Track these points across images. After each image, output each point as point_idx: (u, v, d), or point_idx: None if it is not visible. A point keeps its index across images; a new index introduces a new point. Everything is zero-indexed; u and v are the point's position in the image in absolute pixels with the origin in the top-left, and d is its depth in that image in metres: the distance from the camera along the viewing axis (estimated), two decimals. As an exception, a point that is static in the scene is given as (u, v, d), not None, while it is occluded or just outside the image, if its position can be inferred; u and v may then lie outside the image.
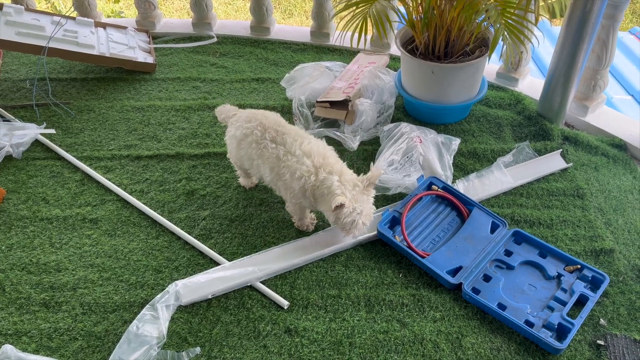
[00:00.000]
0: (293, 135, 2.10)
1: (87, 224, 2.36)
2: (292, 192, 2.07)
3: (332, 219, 2.00)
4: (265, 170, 2.13)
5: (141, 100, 3.12)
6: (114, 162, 2.69)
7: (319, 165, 1.99)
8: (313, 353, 1.88)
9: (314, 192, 2.01)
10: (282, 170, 2.05)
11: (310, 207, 2.15)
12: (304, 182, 2.00)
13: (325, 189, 1.96)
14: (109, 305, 2.04)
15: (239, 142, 2.20)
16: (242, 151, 2.21)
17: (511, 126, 2.87)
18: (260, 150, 2.12)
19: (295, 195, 2.07)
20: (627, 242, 2.26)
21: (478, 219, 2.30)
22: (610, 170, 2.62)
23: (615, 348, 1.89)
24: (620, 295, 2.05)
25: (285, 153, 2.06)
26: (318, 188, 1.98)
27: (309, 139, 2.11)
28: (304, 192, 2.03)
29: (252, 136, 2.13)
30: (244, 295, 2.08)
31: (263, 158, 2.12)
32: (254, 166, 2.19)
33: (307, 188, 2.01)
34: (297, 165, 2.02)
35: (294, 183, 2.04)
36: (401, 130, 2.66)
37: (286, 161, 2.05)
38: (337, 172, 1.98)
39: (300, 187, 2.02)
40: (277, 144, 2.09)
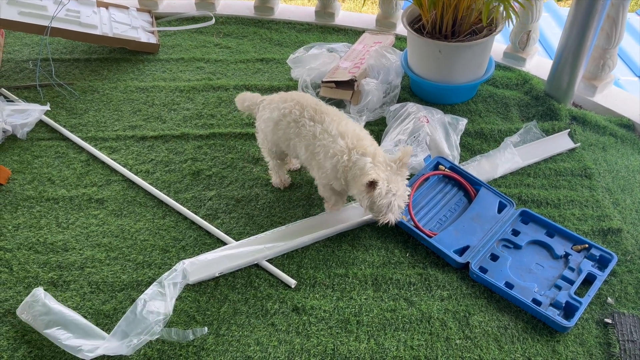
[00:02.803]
0: (331, 115, 2.05)
1: (93, 204, 2.36)
2: (325, 171, 2.02)
3: (366, 203, 1.92)
4: (301, 148, 2.08)
5: (145, 81, 3.10)
6: (119, 142, 2.68)
7: (352, 146, 1.94)
8: (321, 331, 1.89)
9: (346, 174, 1.96)
10: (317, 148, 2.01)
11: (341, 190, 2.09)
12: (337, 162, 1.95)
13: (358, 170, 1.91)
14: (116, 284, 2.05)
15: (276, 123, 2.12)
16: (279, 132, 2.13)
17: (518, 106, 2.85)
18: (298, 129, 2.06)
19: (327, 176, 2.02)
20: (634, 222, 2.25)
21: (485, 199, 2.29)
22: (618, 150, 2.60)
23: (622, 326, 1.89)
24: (628, 274, 2.05)
25: (322, 131, 2.00)
26: (350, 169, 1.93)
27: (347, 120, 2.06)
28: (335, 173, 1.98)
29: (291, 115, 2.07)
30: (252, 274, 2.08)
31: (300, 136, 2.06)
32: (290, 146, 2.14)
33: (339, 168, 1.96)
34: (331, 144, 1.97)
35: (326, 162, 1.99)
36: (408, 110, 2.64)
37: (322, 140, 2.00)
38: (371, 154, 1.92)
39: (333, 166, 1.97)
40: (315, 122, 2.03)
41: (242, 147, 2.64)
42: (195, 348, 1.84)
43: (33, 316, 1.86)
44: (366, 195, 1.89)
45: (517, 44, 3.10)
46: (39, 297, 1.89)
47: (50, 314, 1.85)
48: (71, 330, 1.83)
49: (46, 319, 1.84)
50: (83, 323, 1.85)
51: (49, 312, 1.85)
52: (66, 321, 1.84)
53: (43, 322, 1.84)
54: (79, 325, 1.84)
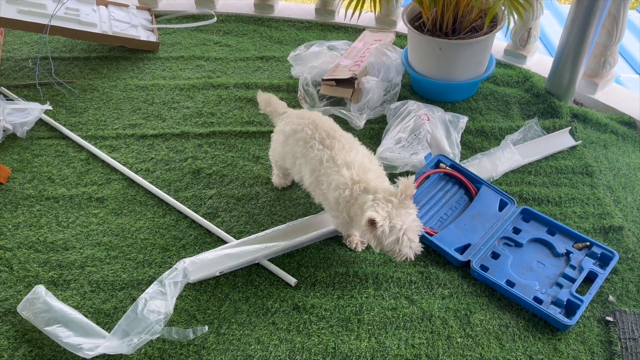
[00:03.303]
0: (343, 142, 1.93)
1: (93, 202, 2.36)
2: (328, 203, 1.93)
3: (374, 243, 1.77)
4: (306, 172, 1.97)
5: (145, 79, 3.09)
6: (118, 141, 2.67)
7: (357, 179, 1.80)
8: (322, 330, 1.89)
9: (349, 210, 1.84)
10: (322, 177, 1.90)
11: (344, 226, 2.01)
12: (339, 195, 1.83)
13: (358, 209, 1.78)
14: (117, 283, 2.05)
15: (287, 137, 2.04)
16: (287, 147, 2.05)
17: (519, 104, 2.84)
18: (306, 150, 1.95)
19: (331, 207, 1.93)
20: (636, 220, 2.25)
21: (486, 197, 2.28)
22: (620, 147, 2.60)
23: (624, 324, 1.89)
24: (629, 272, 2.05)
25: (329, 158, 1.89)
26: (352, 206, 1.81)
27: (358, 149, 1.94)
28: (338, 206, 1.87)
29: (302, 133, 1.97)
30: (252, 273, 2.08)
31: (307, 158, 1.95)
32: (295, 165, 2.03)
33: (341, 202, 1.84)
34: (335, 175, 1.85)
35: (329, 193, 1.88)
36: (408, 108, 2.63)
37: (327, 168, 1.88)
38: (373, 189, 1.77)
39: (335, 199, 1.86)
40: (325, 146, 1.92)
41: (243, 145, 2.63)
42: (196, 347, 1.84)
43: (34, 313, 1.86)
44: (370, 235, 1.75)
45: (518, 41, 3.09)
46: (40, 294, 1.89)
47: (51, 311, 1.85)
48: (72, 328, 1.82)
49: (47, 316, 1.84)
50: (83, 322, 1.85)
51: (50, 309, 1.85)
52: (67, 319, 1.84)
53: (44, 319, 1.84)
54: (80, 324, 1.84)
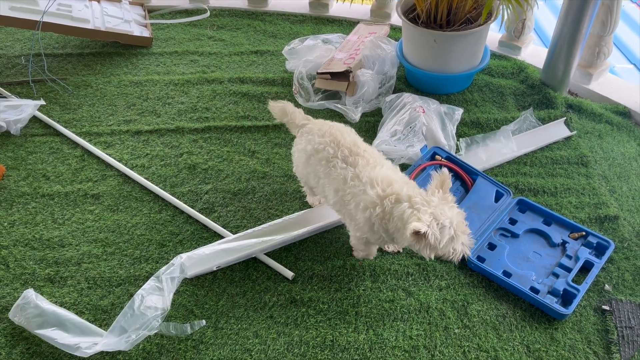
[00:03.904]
0: (367, 158, 1.81)
1: (89, 199, 2.35)
2: (357, 224, 1.79)
3: (427, 252, 1.60)
4: (330, 191, 1.86)
5: (139, 75, 3.07)
6: (113, 137, 2.66)
7: (384, 194, 1.68)
8: (319, 322, 1.89)
9: (385, 226, 1.69)
10: (347, 196, 1.78)
11: (382, 242, 1.88)
12: (370, 215, 1.71)
13: (399, 222, 1.63)
14: (114, 279, 2.04)
15: (309, 157, 1.93)
16: (309, 167, 1.95)
17: (514, 95, 2.84)
18: (328, 169, 1.84)
19: (361, 229, 1.79)
20: (631, 209, 2.25)
21: (482, 188, 2.28)
22: (615, 137, 2.60)
23: (620, 313, 1.90)
24: (625, 261, 2.06)
25: (353, 177, 1.77)
26: (390, 221, 1.67)
27: (382, 163, 1.82)
28: (371, 226, 1.73)
29: (324, 152, 1.86)
30: (249, 267, 2.08)
31: (330, 177, 1.84)
32: (319, 185, 1.93)
33: (374, 221, 1.71)
34: (362, 195, 1.73)
35: (358, 214, 1.75)
36: (403, 100, 2.63)
37: (352, 187, 1.77)
38: (405, 197, 1.64)
39: (366, 219, 1.73)
40: (348, 164, 1.81)
41: (238, 140, 2.63)
42: (194, 342, 1.84)
43: (26, 318, 1.84)
44: (422, 247, 1.59)
45: (513, 32, 3.09)
46: (30, 298, 1.87)
47: (43, 315, 1.83)
48: (67, 329, 1.81)
49: (40, 320, 1.82)
50: (78, 321, 1.84)
51: (42, 313, 1.83)
52: (60, 321, 1.82)
53: (37, 323, 1.82)
54: (75, 324, 1.83)
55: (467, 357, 1.79)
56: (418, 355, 1.79)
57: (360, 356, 1.79)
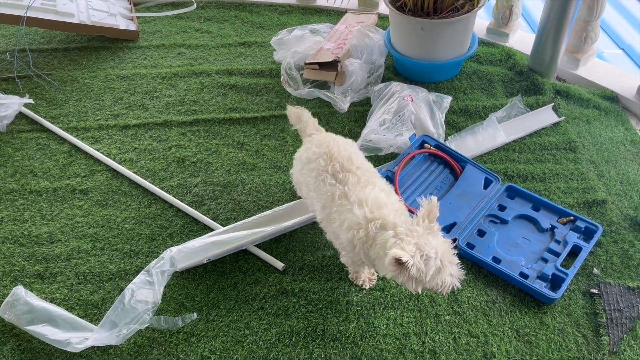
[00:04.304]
0: (359, 176, 1.71)
1: (77, 195, 2.34)
2: (341, 243, 1.72)
3: (413, 285, 1.49)
4: (318, 206, 1.78)
5: (126, 69, 3.05)
6: (101, 132, 2.64)
7: (370, 217, 1.58)
8: (310, 313, 1.89)
9: (367, 251, 1.61)
10: (333, 214, 1.70)
11: (361, 266, 1.82)
12: (352, 236, 1.62)
13: (380, 250, 1.54)
14: (104, 274, 2.04)
15: (302, 166, 1.86)
16: (302, 177, 1.88)
17: (502, 82, 2.84)
18: (317, 183, 1.76)
19: (344, 248, 1.72)
20: (619, 193, 2.27)
21: (471, 176, 2.29)
22: (602, 122, 2.61)
23: (609, 296, 1.91)
24: (613, 244, 2.07)
25: (341, 195, 1.68)
26: (372, 247, 1.58)
27: (375, 183, 1.72)
28: (353, 248, 1.65)
29: (315, 164, 1.78)
30: (240, 259, 2.08)
31: (318, 192, 1.76)
32: (309, 197, 1.86)
33: (356, 243, 1.62)
34: (347, 214, 1.64)
35: (342, 234, 1.67)
36: (392, 89, 2.62)
37: (339, 205, 1.68)
38: (390, 225, 1.54)
39: (349, 240, 1.64)
40: (337, 180, 1.71)
41: (227, 132, 2.62)
42: (185, 334, 1.84)
43: (16, 315, 1.84)
44: (406, 280, 1.48)
45: (500, 19, 3.08)
46: (20, 295, 1.86)
47: (33, 311, 1.83)
48: (57, 325, 1.81)
49: (30, 317, 1.82)
50: (69, 317, 1.84)
51: (32, 309, 1.83)
52: (51, 317, 1.82)
53: (27, 320, 1.82)
54: (65, 320, 1.83)
55: (458, 343, 1.80)
56: (409, 343, 1.80)
57: (351, 345, 1.80)
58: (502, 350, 1.78)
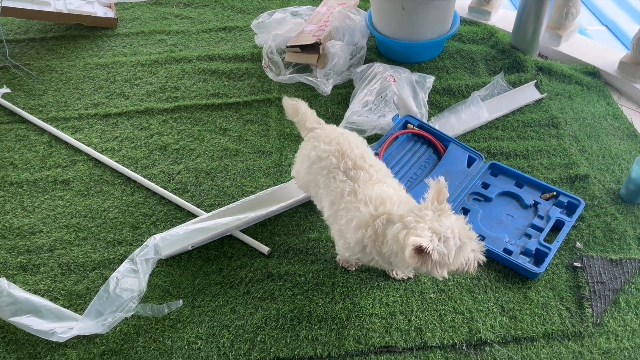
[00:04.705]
0: (371, 173, 1.65)
1: (58, 185, 2.31)
2: (347, 244, 1.62)
3: (438, 272, 1.42)
4: (326, 203, 1.72)
5: (105, 57, 3.00)
6: (81, 121, 2.60)
7: (375, 214, 1.52)
8: (296, 295, 1.89)
9: (380, 250, 1.53)
10: (341, 211, 1.64)
11: (375, 265, 1.66)
12: (362, 236, 1.54)
13: (394, 245, 1.46)
14: (88, 264, 2.02)
15: (311, 164, 1.78)
16: (310, 175, 1.80)
17: (485, 60, 2.84)
18: (328, 180, 1.70)
19: (351, 249, 1.61)
20: (601, 167, 2.28)
21: (454, 154, 2.29)
22: (584, 98, 2.62)
23: (591, 269, 1.93)
24: (595, 218, 2.09)
25: (350, 191, 1.63)
26: (383, 244, 1.50)
27: (385, 181, 1.66)
28: (363, 248, 1.57)
29: (327, 161, 1.71)
30: (224, 244, 2.07)
31: (328, 189, 1.70)
32: (317, 195, 1.80)
33: (367, 243, 1.55)
34: (355, 212, 1.58)
35: (349, 233, 1.59)
36: (374, 70, 2.61)
37: (347, 202, 1.61)
38: (396, 218, 1.47)
39: (358, 240, 1.56)
40: (348, 177, 1.66)
41: (209, 118, 2.59)
42: (171, 321, 1.84)
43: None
44: (431, 268, 1.41)
45: (482, -3, 3.07)
46: (3, 287, 1.84)
47: (16, 303, 1.81)
48: (42, 316, 1.80)
49: (13, 308, 1.80)
50: (53, 307, 1.82)
51: (15, 301, 1.81)
52: (35, 307, 1.80)
53: (10, 311, 1.80)
54: (50, 310, 1.82)
55: (443, 320, 1.81)
56: (395, 322, 1.81)
57: (337, 325, 1.81)
58: (487, 326, 1.79)
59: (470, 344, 1.76)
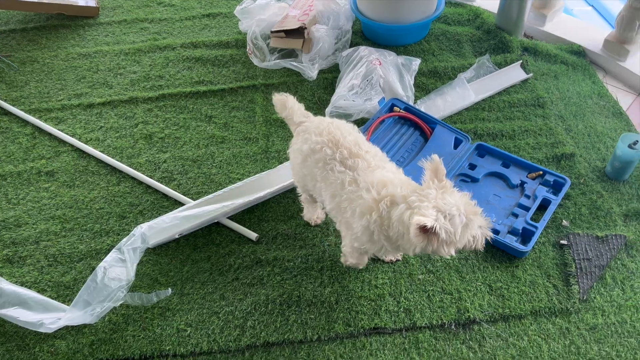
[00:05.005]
0: (368, 160, 1.61)
1: (43, 177, 2.28)
2: (355, 234, 1.59)
3: (445, 250, 1.40)
4: (327, 196, 1.67)
5: (87, 47, 2.96)
6: (64, 112, 2.57)
7: (379, 198, 1.49)
8: (285, 280, 1.90)
9: (387, 234, 1.49)
10: (344, 203, 1.60)
11: (384, 253, 1.67)
12: (367, 222, 1.51)
13: (400, 226, 1.43)
14: (74, 254, 2.01)
15: (305, 158, 1.73)
16: (306, 169, 1.74)
17: (470, 42, 2.83)
18: (325, 172, 1.65)
19: (359, 239, 1.59)
20: (587, 146, 2.29)
21: (441, 136, 2.28)
22: (570, 77, 2.62)
23: (578, 246, 1.94)
24: (581, 196, 2.10)
25: (351, 181, 1.58)
26: (390, 227, 1.47)
27: (384, 166, 1.63)
28: (370, 235, 1.54)
29: (321, 153, 1.66)
30: (212, 232, 2.06)
31: (327, 181, 1.65)
32: (316, 189, 1.75)
33: (373, 229, 1.51)
34: (358, 200, 1.55)
35: (355, 222, 1.57)
36: (360, 54, 2.59)
37: (350, 193, 1.58)
38: (400, 199, 1.44)
39: (364, 228, 1.53)
40: (346, 167, 1.61)
41: (194, 106, 2.57)
42: (160, 309, 1.84)
43: None
44: (438, 247, 1.39)
45: (467, -22, 3.05)
46: None
47: (3, 295, 1.79)
48: (29, 307, 1.78)
49: (0, 301, 1.79)
50: (40, 299, 1.81)
51: (2, 293, 1.79)
52: (22, 299, 1.79)
53: None
54: (37, 301, 1.80)
55: (432, 300, 1.82)
56: (384, 303, 1.82)
57: (327, 309, 1.81)
58: (476, 305, 1.80)
59: (459, 323, 1.77)
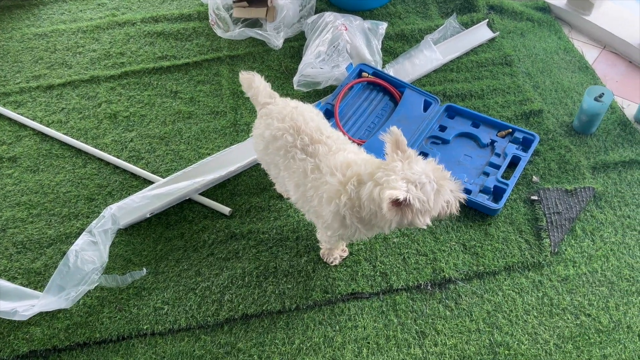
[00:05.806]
0: (329, 145, 1.56)
1: (5, 163, 2.21)
2: (326, 221, 1.54)
3: (421, 220, 1.37)
4: (291, 185, 1.62)
5: (43, 26, 2.84)
6: (23, 95, 2.48)
7: (344, 180, 1.45)
8: (261, 252, 1.89)
9: (360, 215, 1.45)
10: (309, 191, 1.55)
11: (358, 236, 1.58)
12: (336, 207, 1.46)
13: (371, 204, 1.38)
14: (43, 240, 1.96)
15: (267, 145, 1.66)
16: (268, 157, 1.69)
17: (437, 3, 2.79)
18: (287, 161, 1.60)
19: (330, 226, 1.54)
20: (554, 102, 2.30)
21: (410, 100, 2.27)
22: (536, 34, 2.62)
23: (548, 201, 1.97)
24: (550, 151, 2.12)
25: (313, 168, 1.53)
26: (361, 208, 1.42)
27: (345, 148, 1.57)
28: (342, 220, 1.49)
29: (282, 140, 1.59)
30: (184, 209, 2.03)
31: (289, 170, 1.60)
32: (280, 177, 1.68)
33: (344, 213, 1.46)
34: (324, 186, 1.49)
35: (324, 209, 1.51)
36: (325, 20, 2.54)
37: (314, 180, 1.53)
38: (366, 177, 1.40)
39: (335, 213, 1.48)
40: (307, 154, 1.56)
41: (158, 82, 2.50)
42: (135, 289, 1.82)
43: None
44: (413, 218, 1.35)
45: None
46: None
47: None
48: (1, 296, 1.75)
49: None
50: (12, 287, 1.77)
51: None
52: None
53: None
54: (9, 290, 1.76)
55: (407, 262, 1.84)
56: (360, 269, 1.83)
57: (304, 277, 1.81)
58: (450, 265, 1.82)
59: (434, 283, 1.79)
